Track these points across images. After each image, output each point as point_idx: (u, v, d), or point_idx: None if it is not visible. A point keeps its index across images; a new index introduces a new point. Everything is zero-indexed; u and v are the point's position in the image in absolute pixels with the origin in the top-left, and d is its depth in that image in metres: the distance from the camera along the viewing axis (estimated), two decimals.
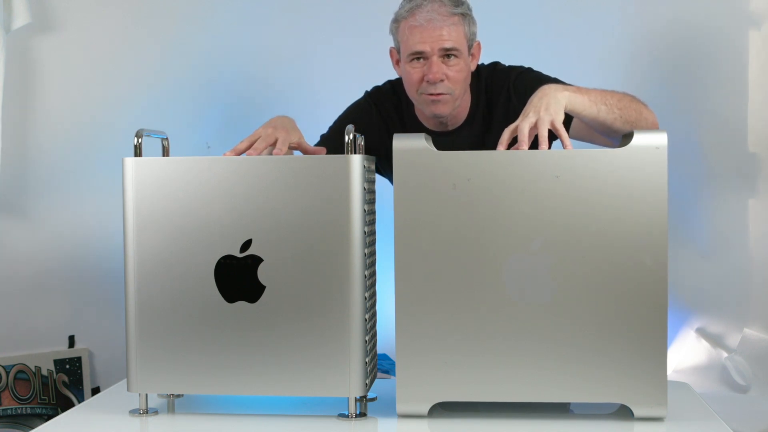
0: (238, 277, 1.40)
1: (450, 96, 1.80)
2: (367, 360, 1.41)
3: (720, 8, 2.84)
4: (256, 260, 1.40)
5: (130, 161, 1.42)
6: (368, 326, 1.43)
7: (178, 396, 1.56)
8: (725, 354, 2.83)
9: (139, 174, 1.42)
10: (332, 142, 1.95)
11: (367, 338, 1.41)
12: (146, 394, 1.47)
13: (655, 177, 1.35)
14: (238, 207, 1.40)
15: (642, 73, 2.95)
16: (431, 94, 1.79)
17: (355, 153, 1.39)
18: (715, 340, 2.89)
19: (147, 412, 1.47)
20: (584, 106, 1.55)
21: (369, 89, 2.05)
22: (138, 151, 1.44)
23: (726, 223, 2.89)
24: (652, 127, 1.68)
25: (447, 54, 1.76)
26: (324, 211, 1.38)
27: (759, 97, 2.81)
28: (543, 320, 1.36)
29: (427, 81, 1.78)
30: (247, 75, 2.97)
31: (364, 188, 1.39)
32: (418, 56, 1.78)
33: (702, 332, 2.92)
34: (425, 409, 1.40)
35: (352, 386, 1.39)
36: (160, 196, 1.42)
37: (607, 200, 1.35)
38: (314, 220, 1.39)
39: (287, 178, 1.39)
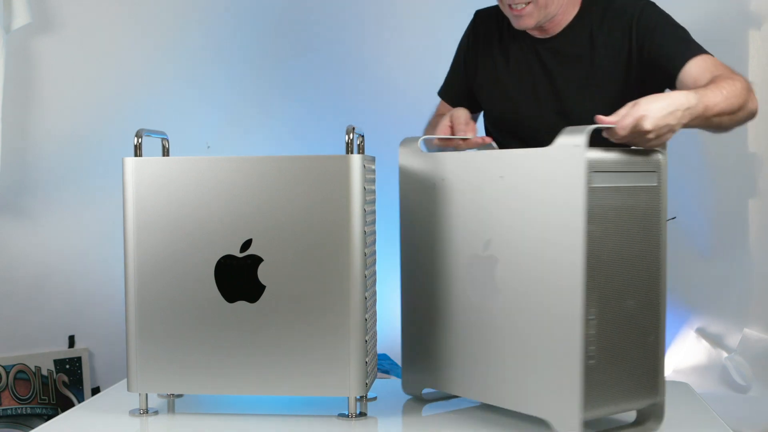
0: (238, 277, 1.40)
1: (533, 6, 1.76)
2: (367, 360, 1.41)
3: (720, 8, 2.84)
4: (256, 260, 1.40)
5: (130, 161, 1.42)
6: (368, 326, 1.43)
7: (178, 396, 1.56)
8: (725, 354, 2.83)
9: (139, 174, 1.42)
10: (453, 82, 2.02)
11: (367, 338, 1.41)
12: (146, 394, 1.47)
13: (573, 175, 1.25)
14: (238, 207, 1.40)
15: None
16: (513, 9, 1.78)
17: (355, 153, 1.39)
18: (715, 340, 2.89)
19: (147, 412, 1.47)
20: (693, 125, 1.49)
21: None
22: (138, 151, 1.43)
23: (726, 223, 2.89)
24: (750, 118, 1.65)
25: None
26: (324, 211, 1.38)
27: (759, 97, 2.80)
28: (491, 321, 1.37)
29: None
30: (247, 74, 2.97)
31: (364, 188, 1.39)
32: None
33: (702, 332, 2.92)
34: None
35: (352, 386, 1.39)
36: (160, 196, 1.42)
37: (532, 202, 1.31)
38: (314, 220, 1.39)
39: (287, 178, 1.39)
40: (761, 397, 2.68)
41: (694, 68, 1.72)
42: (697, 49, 1.77)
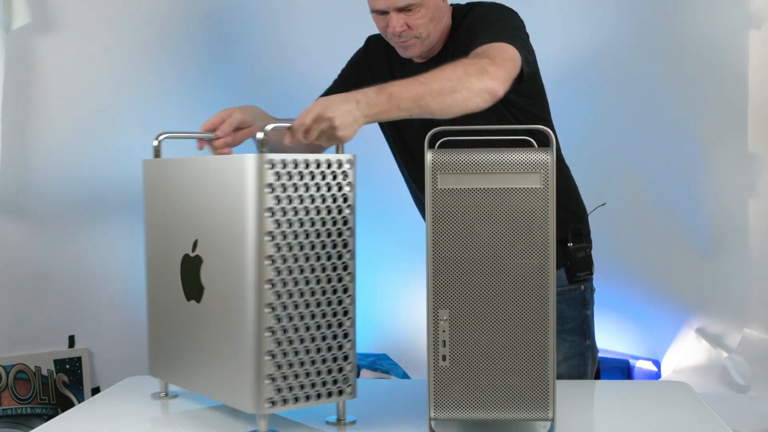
0: (191, 276, 1.42)
1: (417, 39, 1.82)
2: (275, 374, 1.32)
3: (720, 8, 2.84)
4: (200, 261, 1.39)
5: (151, 163, 1.40)
6: (276, 336, 1.31)
7: (173, 397, 1.56)
8: (725, 354, 2.83)
9: (158, 174, 1.43)
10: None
11: (278, 349, 1.31)
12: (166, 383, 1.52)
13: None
14: (183, 208, 1.42)
15: (642, 72, 2.96)
16: (398, 42, 1.84)
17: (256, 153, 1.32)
18: (715, 340, 2.89)
19: (167, 395, 1.52)
20: (389, 117, 1.50)
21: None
22: (157, 153, 1.43)
23: (726, 223, 2.89)
24: (490, 96, 1.56)
25: (404, 8, 1.78)
26: (227, 213, 1.33)
27: (759, 97, 2.81)
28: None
29: (391, 33, 1.82)
30: (247, 74, 2.98)
31: (272, 188, 1.30)
32: (379, 12, 1.82)
33: (702, 332, 2.92)
34: None
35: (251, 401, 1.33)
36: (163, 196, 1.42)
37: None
38: (224, 221, 1.34)
39: (203, 179, 1.40)
40: (761, 397, 2.68)
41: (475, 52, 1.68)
42: (495, 38, 1.70)
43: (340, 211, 1.35)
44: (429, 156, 1.27)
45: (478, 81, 1.54)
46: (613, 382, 1.81)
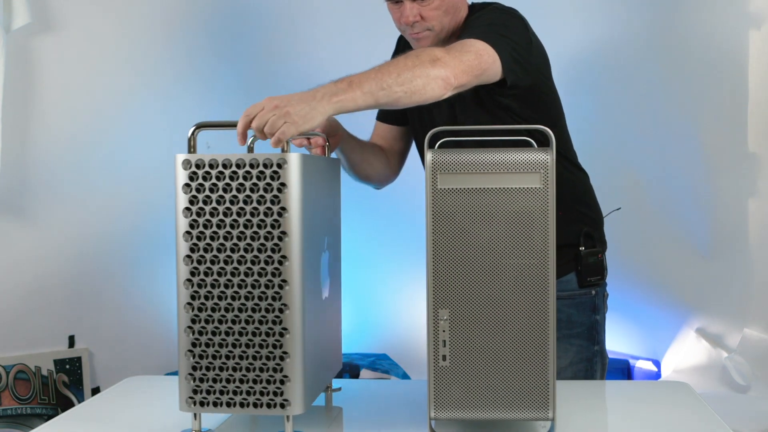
0: None
1: (430, 32, 1.82)
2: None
3: (720, 8, 2.84)
4: None
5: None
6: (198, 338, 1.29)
7: None
8: (725, 354, 2.83)
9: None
10: None
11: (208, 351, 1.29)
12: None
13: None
14: None
15: (642, 72, 2.96)
16: (412, 34, 1.83)
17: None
18: (715, 340, 2.89)
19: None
20: (356, 104, 1.50)
21: None
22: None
23: (726, 223, 2.89)
24: (444, 83, 1.55)
25: None
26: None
27: (759, 97, 2.81)
28: None
29: (404, 23, 1.82)
30: (248, 74, 2.98)
31: (180, 188, 1.30)
32: (393, 1, 1.82)
33: (702, 332, 2.92)
34: None
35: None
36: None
37: None
38: None
39: None
40: (761, 397, 2.68)
41: None
42: (473, 36, 1.69)
43: (271, 215, 1.27)
44: (429, 156, 1.27)
45: (432, 68, 1.54)
46: (613, 382, 1.81)
